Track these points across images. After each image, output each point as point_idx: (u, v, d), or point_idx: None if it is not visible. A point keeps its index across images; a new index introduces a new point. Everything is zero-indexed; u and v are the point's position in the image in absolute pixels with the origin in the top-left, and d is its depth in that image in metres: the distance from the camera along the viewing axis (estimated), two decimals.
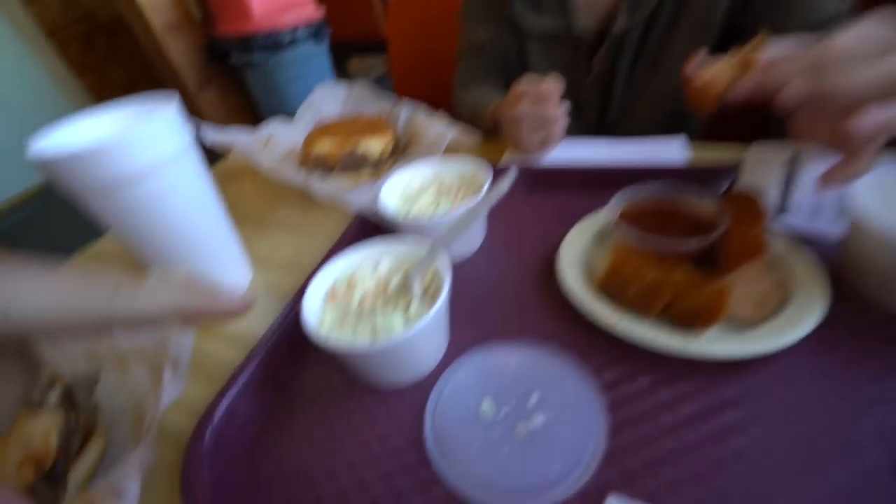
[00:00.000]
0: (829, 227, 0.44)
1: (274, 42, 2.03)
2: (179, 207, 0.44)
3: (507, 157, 0.67)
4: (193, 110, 2.23)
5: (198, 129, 0.59)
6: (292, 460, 0.34)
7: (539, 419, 0.32)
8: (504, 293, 0.45)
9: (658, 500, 0.28)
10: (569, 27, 0.71)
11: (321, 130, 0.69)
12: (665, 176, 0.53)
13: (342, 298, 0.39)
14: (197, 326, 0.43)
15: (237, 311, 0.30)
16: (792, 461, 0.28)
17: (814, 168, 0.48)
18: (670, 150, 0.61)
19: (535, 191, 0.59)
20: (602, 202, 0.46)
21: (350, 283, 0.41)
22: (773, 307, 0.36)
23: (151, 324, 0.28)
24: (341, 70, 2.83)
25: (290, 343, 0.41)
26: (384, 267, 0.42)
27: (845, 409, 0.30)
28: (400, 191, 0.54)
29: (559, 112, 0.58)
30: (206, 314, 0.29)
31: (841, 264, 0.40)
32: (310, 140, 0.67)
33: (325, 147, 0.64)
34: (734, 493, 0.27)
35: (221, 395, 0.36)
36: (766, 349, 0.32)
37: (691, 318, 0.34)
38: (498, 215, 0.55)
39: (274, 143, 0.75)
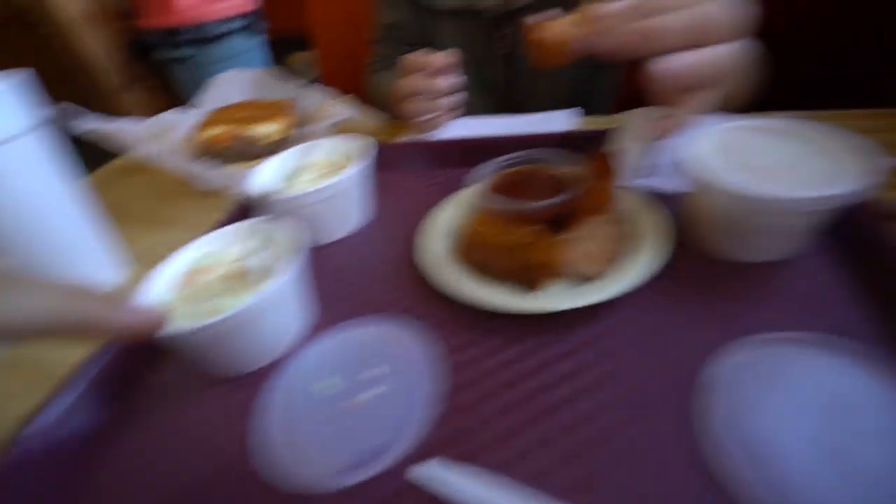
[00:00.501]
0: (682, 185, 0.45)
1: (202, 35, 1.95)
2: (16, 195, 0.41)
3: (405, 135, 0.67)
4: (117, 110, 2.11)
5: (65, 114, 0.56)
6: (133, 463, 0.32)
7: (377, 390, 0.32)
8: (375, 271, 0.44)
9: (489, 452, 0.28)
10: (473, 2, 0.70)
11: (214, 116, 0.66)
12: (545, 143, 0.53)
13: (192, 284, 0.38)
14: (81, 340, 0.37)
15: (142, 327, 0.25)
16: (625, 405, 0.29)
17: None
18: (557, 121, 0.62)
19: (424, 167, 0.58)
20: None
21: (204, 268, 0.39)
22: (617, 261, 0.36)
23: (16, 338, 0.21)
24: (280, 66, 2.76)
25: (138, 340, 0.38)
26: (242, 248, 0.40)
27: (684, 354, 0.31)
28: (281, 172, 0.52)
29: (448, 84, 0.58)
30: (102, 328, 0.23)
31: (686, 218, 0.41)
32: (200, 126, 0.64)
33: (213, 132, 0.62)
34: (556, 438, 0.28)
35: (51, 398, 0.32)
36: (601, 298, 0.33)
37: (534, 275, 0.35)
38: (385, 193, 0.54)
39: (170, 132, 0.72)
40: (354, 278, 0.44)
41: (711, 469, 0.25)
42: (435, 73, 0.57)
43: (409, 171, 0.58)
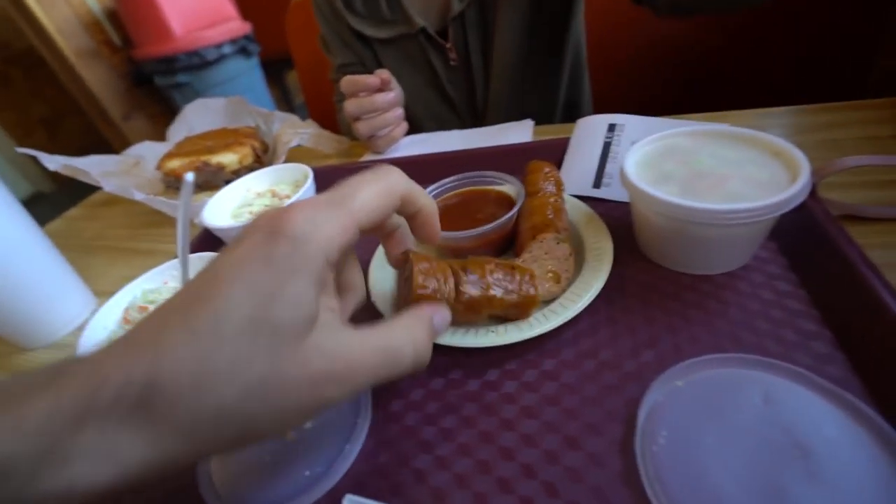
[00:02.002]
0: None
1: (198, 60, 1.99)
2: None
3: (365, 156, 0.67)
4: (119, 140, 2.17)
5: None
6: None
7: (307, 423, 0.31)
8: None
9: (402, 491, 0.27)
10: (406, 28, 0.70)
11: (180, 147, 0.67)
12: (497, 156, 0.52)
13: (131, 323, 0.38)
14: None
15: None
16: (564, 430, 0.28)
17: (631, 139, 0.48)
18: (515, 134, 0.61)
19: None
20: None
21: (149, 300, 0.39)
22: (567, 279, 0.35)
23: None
24: (280, 84, 2.79)
25: None
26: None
27: (626, 376, 0.30)
28: (237, 199, 0.53)
29: (387, 99, 0.59)
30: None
31: (635, 229, 0.40)
32: (165, 157, 0.65)
33: (176, 163, 0.62)
34: (494, 463, 0.27)
35: None
36: (545, 329, 0.32)
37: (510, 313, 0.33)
38: None
39: (142, 165, 0.73)
40: None
41: (648, 494, 0.23)
42: (373, 90, 0.59)
43: None
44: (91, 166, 0.63)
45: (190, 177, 0.25)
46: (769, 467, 0.23)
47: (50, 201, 2.85)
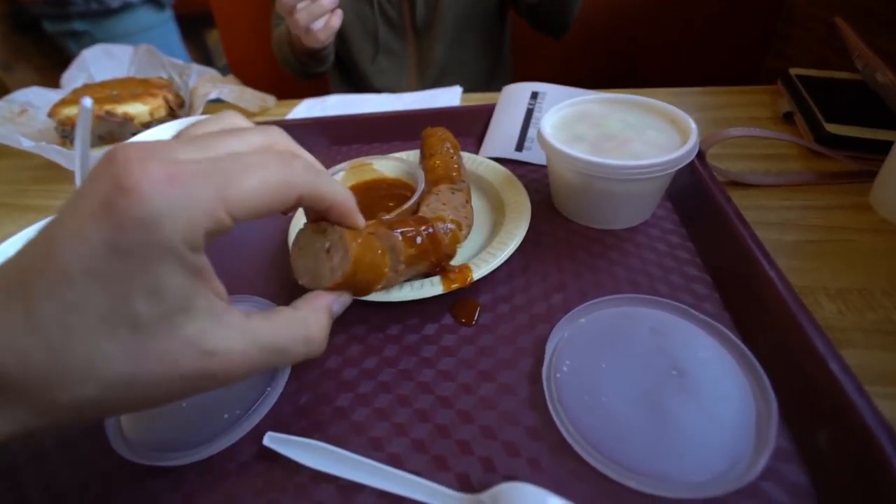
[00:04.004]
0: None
1: (97, 6, 1.76)
2: None
3: (292, 112, 0.65)
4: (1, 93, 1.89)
5: None
6: None
7: None
8: (244, 254, 0.42)
9: (324, 428, 0.28)
10: None
11: (76, 94, 0.60)
12: (434, 117, 0.53)
13: None
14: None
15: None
16: (478, 366, 0.30)
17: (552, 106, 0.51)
18: (444, 98, 0.62)
19: (319, 146, 0.56)
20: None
21: None
22: (468, 225, 0.36)
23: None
24: (199, 44, 2.57)
25: None
26: None
27: (537, 317, 0.32)
28: None
29: None
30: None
31: (550, 188, 0.42)
32: (60, 103, 0.58)
33: (72, 110, 0.56)
34: (412, 398, 0.28)
35: None
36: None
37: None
38: None
39: (31, 113, 0.65)
40: (224, 259, 0.41)
41: (552, 413, 0.26)
42: None
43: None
44: None
45: (88, 102, 0.23)
46: (651, 385, 0.27)
47: None
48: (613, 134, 0.37)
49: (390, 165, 0.42)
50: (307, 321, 0.22)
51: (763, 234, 0.33)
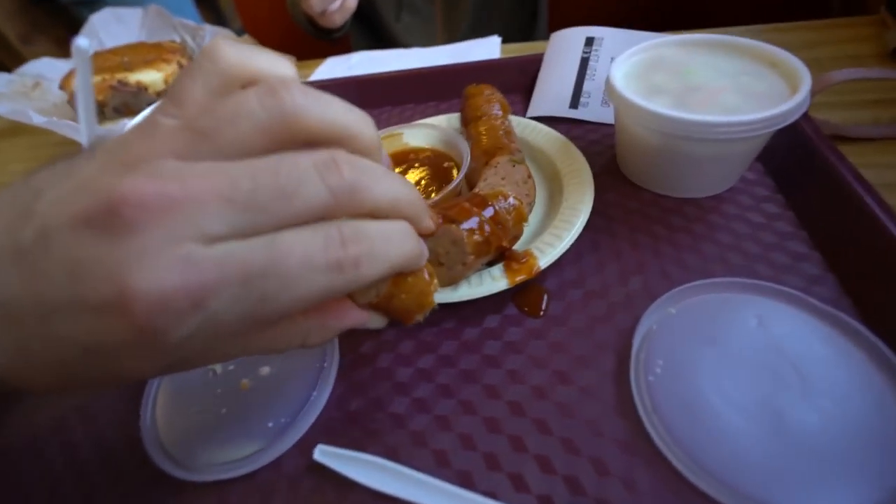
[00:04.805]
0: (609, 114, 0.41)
1: None
2: None
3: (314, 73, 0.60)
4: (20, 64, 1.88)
5: None
6: (21, 452, 0.27)
7: (264, 370, 0.28)
8: None
9: (380, 437, 0.24)
10: None
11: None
12: (471, 72, 0.47)
13: None
14: None
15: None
16: (554, 364, 0.26)
17: (612, 54, 0.44)
18: (481, 51, 0.55)
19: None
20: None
21: None
22: (530, 203, 0.31)
23: None
24: (211, 6, 2.48)
25: None
26: None
27: (616, 307, 0.28)
28: None
29: None
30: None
31: (617, 150, 0.37)
32: (70, 75, 0.55)
33: None
34: (479, 402, 0.25)
35: None
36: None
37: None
38: None
39: (45, 86, 0.62)
40: None
41: (646, 425, 0.22)
42: None
43: None
44: None
45: (83, 42, 0.19)
46: (766, 391, 0.22)
47: None
48: (700, 84, 0.31)
49: (423, 134, 0.37)
50: (309, 332, 0.19)
51: (887, 197, 0.27)
